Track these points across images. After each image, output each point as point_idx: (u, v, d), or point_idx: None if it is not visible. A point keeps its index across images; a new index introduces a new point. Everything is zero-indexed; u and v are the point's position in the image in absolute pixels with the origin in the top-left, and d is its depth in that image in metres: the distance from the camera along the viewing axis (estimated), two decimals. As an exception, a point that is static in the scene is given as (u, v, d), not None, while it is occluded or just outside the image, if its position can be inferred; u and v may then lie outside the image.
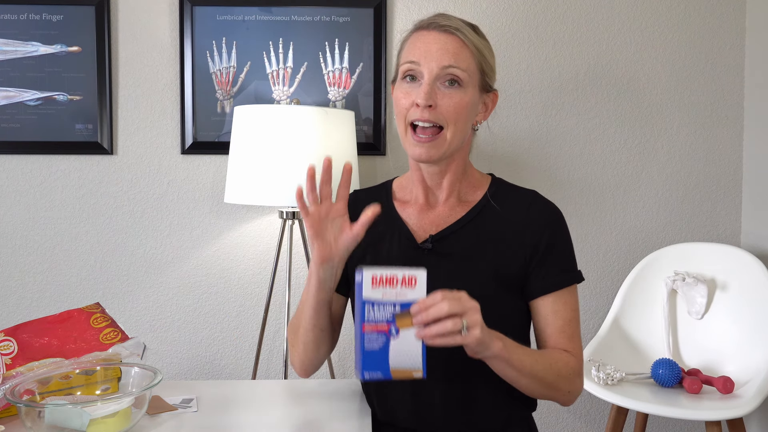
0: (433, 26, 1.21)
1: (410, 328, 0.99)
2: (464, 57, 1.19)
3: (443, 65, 1.18)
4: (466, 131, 1.24)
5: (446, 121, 1.19)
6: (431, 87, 1.18)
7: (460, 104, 1.19)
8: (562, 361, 1.20)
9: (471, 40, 1.20)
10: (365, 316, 0.98)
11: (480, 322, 1.02)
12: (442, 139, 1.20)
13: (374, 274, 0.98)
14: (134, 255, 2.29)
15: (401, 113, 1.22)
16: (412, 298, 0.99)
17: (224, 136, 2.23)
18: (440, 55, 1.18)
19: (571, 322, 1.23)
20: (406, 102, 1.20)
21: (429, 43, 1.20)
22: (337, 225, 1.17)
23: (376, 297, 0.98)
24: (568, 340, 1.22)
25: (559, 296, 1.23)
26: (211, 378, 2.32)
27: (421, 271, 1.00)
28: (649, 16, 2.29)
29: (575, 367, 1.21)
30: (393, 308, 0.98)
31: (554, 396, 1.21)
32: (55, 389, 1.13)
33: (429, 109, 1.18)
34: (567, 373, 1.19)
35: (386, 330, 0.98)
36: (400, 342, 0.98)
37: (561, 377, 1.19)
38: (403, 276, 0.98)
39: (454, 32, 1.20)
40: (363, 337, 0.98)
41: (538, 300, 1.23)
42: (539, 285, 1.23)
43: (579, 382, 1.22)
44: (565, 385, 1.20)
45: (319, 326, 1.24)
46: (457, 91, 1.19)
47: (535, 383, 1.16)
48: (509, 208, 1.27)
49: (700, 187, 2.33)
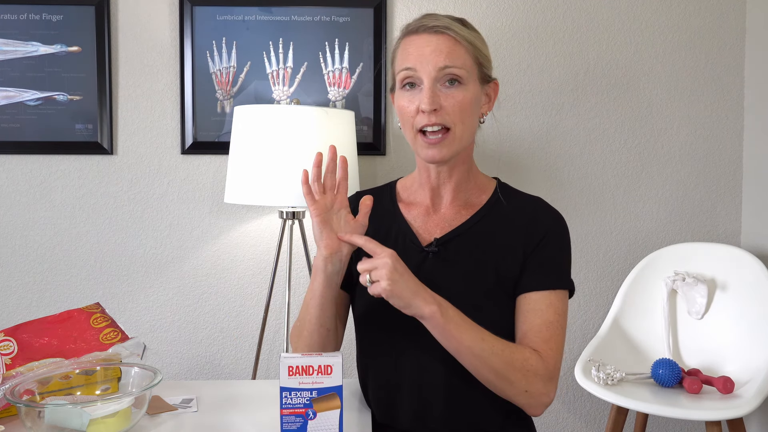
0: (422, 29, 1.20)
1: (328, 411, 1.03)
2: (459, 54, 1.19)
3: (440, 67, 1.17)
4: (474, 126, 1.24)
5: (453, 121, 1.19)
6: (432, 91, 1.18)
7: (464, 102, 1.19)
8: (519, 353, 1.15)
9: (462, 35, 1.19)
10: (283, 402, 1.02)
11: (386, 275, 1.09)
12: (451, 137, 1.20)
13: (290, 363, 1.02)
14: (134, 255, 2.29)
15: (407, 121, 1.22)
16: (329, 384, 1.03)
17: (224, 136, 2.23)
18: (435, 57, 1.17)
19: (551, 326, 1.19)
20: (411, 109, 1.20)
21: (421, 47, 1.19)
22: (341, 216, 1.19)
23: (292, 385, 1.02)
24: (542, 341, 1.18)
25: (544, 296, 1.20)
26: (211, 378, 2.32)
27: (337, 358, 1.04)
28: (649, 16, 2.29)
29: (536, 367, 1.15)
30: (310, 393, 1.03)
31: (508, 390, 1.16)
32: (55, 389, 1.13)
33: (435, 113, 1.18)
34: (522, 367, 1.14)
35: (303, 413, 1.03)
36: (318, 423, 1.03)
37: (513, 369, 1.14)
38: (319, 365, 1.03)
39: (444, 31, 1.19)
40: (282, 419, 1.03)
41: (522, 296, 1.21)
42: (526, 281, 1.21)
43: (540, 385, 1.16)
44: (520, 381, 1.14)
45: (325, 326, 1.23)
46: (458, 90, 1.19)
47: (480, 365, 1.13)
48: (514, 213, 1.27)
49: (700, 187, 2.33)
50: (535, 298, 1.20)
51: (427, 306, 1.11)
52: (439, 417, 1.21)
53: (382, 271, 1.10)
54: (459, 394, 1.21)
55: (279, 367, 1.03)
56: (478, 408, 1.22)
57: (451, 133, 1.19)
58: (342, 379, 1.05)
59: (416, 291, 1.11)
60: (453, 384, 1.21)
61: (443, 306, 1.12)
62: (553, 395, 1.18)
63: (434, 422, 1.22)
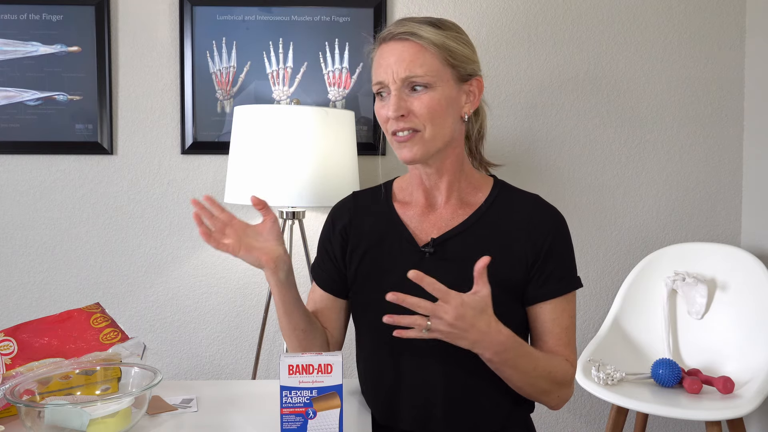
0: (389, 36, 1.21)
1: (327, 410, 1.04)
2: (423, 61, 1.18)
3: (402, 77, 1.18)
4: (447, 126, 1.22)
5: (421, 123, 1.20)
6: (398, 98, 1.19)
7: (431, 104, 1.19)
8: (561, 369, 1.22)
9: (429, 39, 1.18)
10: (283, 401, 1.03)
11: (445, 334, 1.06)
12: (419, 137, 1.20)
13: (290, 362, 1.02)
14: (134, 255, 2.29)
15: (383, 126, 1.24)
16: (329, 383, 1.04)
17: (224, 136, 2.23)
18: (397, 67, 1.18)
19: (568, 330, 1.25)
20: (383, 116, 1.23)
21: (387, 57, 1.20)
22: (252, 232, 1.23)
23: (292, 384, 1.03)
24: (564, 347, 1.24)
25: (558, 303, 1.23)
26: (211, 378, 2.32)
27: (337, 357, 1.04)
28: (649, 16, 2.29)
29: (571, 376, 1.24)
30: (310, 393, 1.03)
31: (544, 400, 1.24)
32: (55, 389, 1.13)
33: (402, 119, 1.19)
34: (563, 381, 1.22)
35: (303, 412, 1.03)
36: (318, 422, 1.03)
37: (556, 384, 1.21)
38: (319, 364, 1.03)
39: (408, 38, 1.19)
40: (282, 418, 1.03)
41: (536, 306, 1.24)
42: (539, 292, 1.23)
43: (571, 390, 1.25)
44: (558, 392, 1.23)
45: (299, 328, 1.26)
46: (425, 93, 1.19)
47: (529, 387, 1.20)
48: (512, 212, 1.26)
49: (700, 187, 2.33)
50: (550, 308, 1.23)
51: (487, 353, 1.12)
52: (439, 418, 1.21)
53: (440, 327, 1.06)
54: (459, 394, 1.21)
55: (279, 366, 1.03)
56: (478, 408, 1.22)
57: (420, 134, 1.20)
58: (342, 378, 1.05)
59: (477, 342, 1.10)
60: (453, 385, 1.21)
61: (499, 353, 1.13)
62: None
63: (435, 423, 1.22)
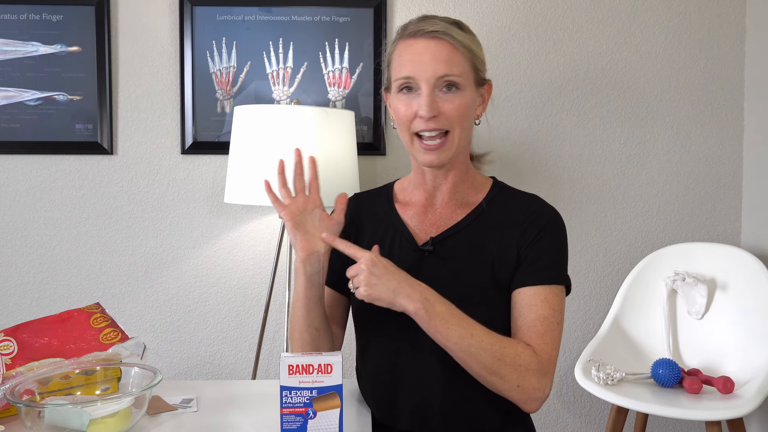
0: (420, 33, 1.19)
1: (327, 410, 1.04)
2: (457, 61, 1.18)
3: (439, 75, 1.17)
4: (470, 129, 1.25)
5: (451, 125, 1.19)
6: (431, 98, 1.17)
7: (462, 107, 1.19)
8: (511, 348, 1.14)
9: (460, 41, 1.18)
10: (283, 401, 1.03)
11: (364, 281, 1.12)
12: (450, 142, 1.20)
13: (290, 362, 1.02)
14: (134, 255, 2.29)
15: (404, 124, 1.21)
16: (329, 383, 1.04)
17: (224, 136, 2.23)
18: (434, 64, 1.17)
19: (546, 321, 1.17)
20: (408, 113, 1.20)
21: (420, 53, 1.18)
22: (315, 216, 1.21)
23: (292, 384, 1.03)
24: (536, 336, 1.16)
25: (539, 291, 1.19)
26: (211, 378, 2.32)
27: (337, 357, 1.04)
28: (649, 16, 2.29)
29: (529, 362, 1.14)
30: (310, 392, 1.03)
31: (499, 385, 1.14)
32: (55, 389, 1.13)
33: (433, 119, 1.18)
34: (513, 362, 1.13)
35: (303, 412, 1.03)
36: (318, 422, 1.03)
37: (503, 364, 1.12)
38: (319, 364, 1.03)
39: (442, 37, 1.18)
40: (282, 418, 1.03)
41: (516, 291, 1.21)
42: (521, 276, 1.21)
43: (534, 380, 1.14)
44: (511, 376, 1.13)
45: (314, 326, 1.24)
46: (456, 95, 1.19)
47: (469, 360, 1.13)
48: (509, 211, 1.27)
49: (700, 187, 2.33)
50: (529, 294, 1.19)
51: (411, 303, 1.12)
52: (438, 416, 1.21)
53: (360, 277, 1.13)
54: (458, 393, 1.21)
55: (279, 366, 1.03)
56: (477, 407, 1.22)
57: (450, 137, 1.20)
58: (342, 378, 1.05)
59: (397, 290, 1.12)
60: (451, 383, 1.21)
61: (429, 301, 1.12)
62: (549, 390, 1.17)
63: (433, 422, 1.22)
